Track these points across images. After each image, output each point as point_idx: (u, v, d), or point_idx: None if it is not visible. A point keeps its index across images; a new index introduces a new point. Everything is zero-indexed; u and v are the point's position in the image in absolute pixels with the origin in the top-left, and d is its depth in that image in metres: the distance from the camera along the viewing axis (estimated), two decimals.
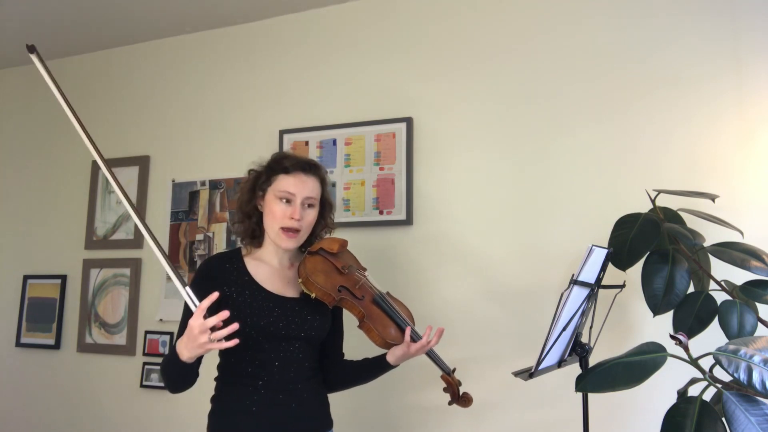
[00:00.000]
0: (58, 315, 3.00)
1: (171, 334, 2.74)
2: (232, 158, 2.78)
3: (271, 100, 2.75)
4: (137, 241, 2.90)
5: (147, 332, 2.79)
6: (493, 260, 2.27)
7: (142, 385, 2.75)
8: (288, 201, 1.62)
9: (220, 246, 2.71)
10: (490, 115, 2.35)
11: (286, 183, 1.62)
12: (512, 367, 1.73)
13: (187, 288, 1.38)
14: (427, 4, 2.52)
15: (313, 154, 2.59)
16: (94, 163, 3.05)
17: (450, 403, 1.74)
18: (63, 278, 3.03)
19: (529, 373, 1.56)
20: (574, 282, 1.49)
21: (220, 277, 1.61)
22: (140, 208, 2.91)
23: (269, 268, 1.67)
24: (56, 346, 2.98)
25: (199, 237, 2.77)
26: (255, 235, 1.69)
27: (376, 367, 1.70)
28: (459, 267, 2.30)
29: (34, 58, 1.51)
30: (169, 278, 2.78)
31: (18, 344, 3.08)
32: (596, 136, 2.19)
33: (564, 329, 1.51)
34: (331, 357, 1.75)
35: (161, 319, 2.77)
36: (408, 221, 2.39)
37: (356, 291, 1.65)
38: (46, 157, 3.21)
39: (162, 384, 2.70)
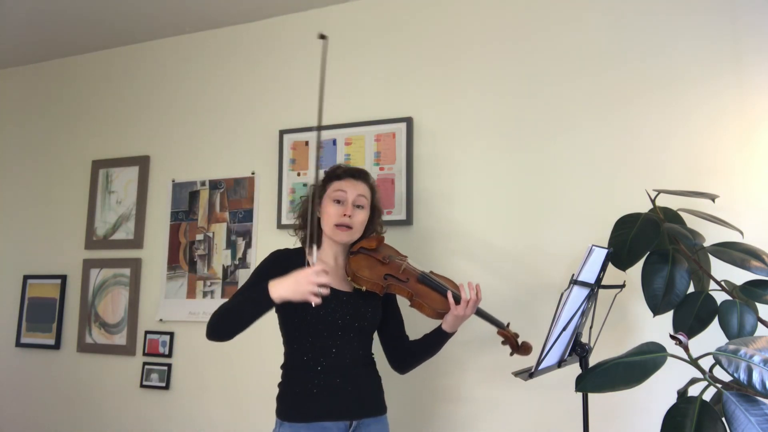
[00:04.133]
0: (58, 315, 3.00)
1: (171, 334, 2.74)
2: (232, 158, 2.78)
3: (271, 100, 2.75)
4: (137, 241, 2.90)
5: (147, 332, 2.79)
6: (493, 260, 2.27)
7: (142, 385, 2.75)
8: (340, 202, 1.82)
9: (220, 246, 2.72)
10: (491, 115, 2.35)
11: (338, 185, 1.85)
12: (512, 366, 1.74)
13: (315, 246, 1.66)
14: (427, 4, 2.52)
15: (313, 154, 2.59)
16: (94, 162, 3.05)
17: (511, 354, 1.84)
18: (63, 278, 3.03)
19: (529, 373, 1.56)
20: (574, 282, 1.49)
21: (289, 266, 1.73)
22: (140, 208, 2.91)
23: (327, 266, 1.81)
24: (56, 346, 2.98)
25: (199, 237, 2.77)
26: (313, 238, 1.83)
27: (436, 339, 1.84)
28: (459, 267, 2.30)
29: (322, 44, 1.71)
30: (168, 278, 2.78)
31: (18, 344, 3.08)
32: (596, 136, 2.20)
33: (564, 329, 1.51)
34: (398, 342, 1.92)
35: (161, 319, 2.77)
36: (408, 221, 2.39)
37: (400, 275, 1.81)
38: (46, 157, 3.21)
39: (162, 384, 2.71)
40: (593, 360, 1.55)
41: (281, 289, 1.60)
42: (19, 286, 3.13)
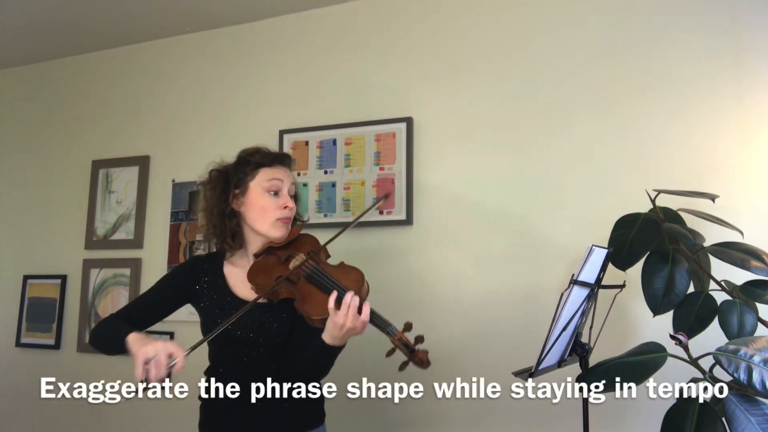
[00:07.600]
0: (58, 315, 3.00)
1: (171, 334, 2.74)
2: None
3: (271, 100, 2.75)
4: (137, 241, 2.90)
5: (147, 332, 2.78)
6: (493, 260, 2.27)
7: None
8: (276, 192, 1.63)
9: None
10: (490, 114, 2.35)
11: (270, 173, 1.64)
12: (512, 366, 1.73)
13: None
14: (427, 4, 2.52)
15: (313, 154, 2.59)
16: (94, 162, 3.05)
17: (401, 368, 1.41)
18: (63, 278, 3.03)
19: (529, 373, 1.56)
20: (574, 282, 1.49)
21: (196, 275, 1.66)
22: (140, 208, 2.91)
23: (243, 271, 1.63)
24: (56, 346, 2.98)
25: (199, 237, 2.76)
26: (235, 237, 1.65)
27: (314, 351, 1.49)
28: (459, 267, 2.30)
29: None
30: None
31: (18, 344, 3.07)
32: (596, 136, 2.20)
33: (564, 329, 1.51)
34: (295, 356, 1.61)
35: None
36: (408, 221, 2.39)
37: (293, 276, 1.51)
38: (46, 157, 3.21)
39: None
40: (593, 360, 1.55)
41: (136, 348, 1.50)
42: (19, 286, 3.13)
